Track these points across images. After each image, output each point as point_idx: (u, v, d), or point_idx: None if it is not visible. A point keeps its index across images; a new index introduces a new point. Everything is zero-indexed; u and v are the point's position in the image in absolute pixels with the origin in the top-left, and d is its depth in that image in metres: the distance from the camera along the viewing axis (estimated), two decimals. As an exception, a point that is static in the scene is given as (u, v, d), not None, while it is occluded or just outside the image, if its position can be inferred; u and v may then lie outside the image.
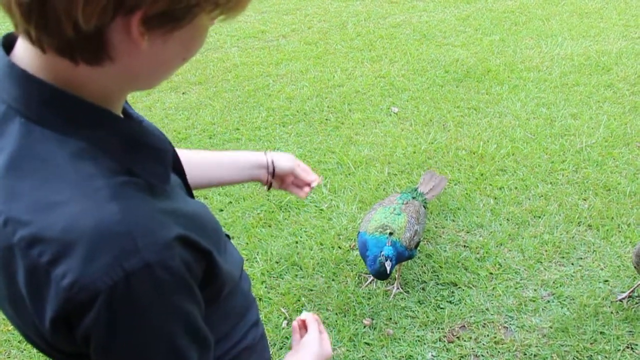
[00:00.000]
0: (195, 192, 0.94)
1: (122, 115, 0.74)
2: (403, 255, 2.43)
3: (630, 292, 2.50)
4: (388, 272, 2.31)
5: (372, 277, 2.66)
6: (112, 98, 0.70)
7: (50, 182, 0.63)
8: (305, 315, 1.15)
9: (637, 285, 2.50)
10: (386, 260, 2.29)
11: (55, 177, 0.64)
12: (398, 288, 2.60)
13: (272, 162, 1.24)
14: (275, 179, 1.27)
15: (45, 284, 0.62)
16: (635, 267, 2.34)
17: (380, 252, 2.33)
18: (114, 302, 0.62)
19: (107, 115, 0.69)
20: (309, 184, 1.32)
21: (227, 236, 0.99)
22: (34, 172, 0.64)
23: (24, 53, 0.66)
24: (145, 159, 0.71)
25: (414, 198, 2.72)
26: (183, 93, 4.60)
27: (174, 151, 0.85)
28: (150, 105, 4.39)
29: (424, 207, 2.74)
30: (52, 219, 0.62)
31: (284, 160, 1.26)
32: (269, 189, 1.29)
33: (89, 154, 0.66)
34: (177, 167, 0.86)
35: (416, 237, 2.52)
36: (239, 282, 0.92)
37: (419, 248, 2.80)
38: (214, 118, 4.14)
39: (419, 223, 2.57)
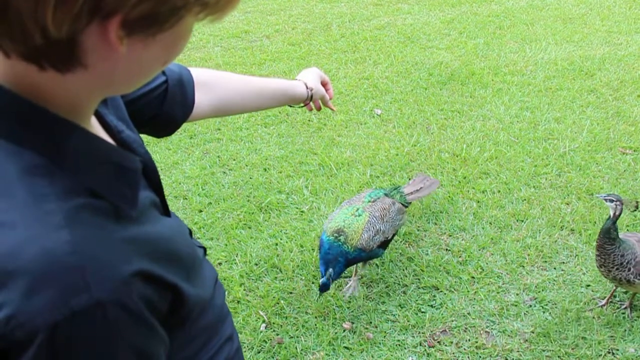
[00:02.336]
0: (174, 191, 0.89)
1: (90, 125, 0.68)
2: (359, 257, 2.41)
3: (609, 297, 2.48)
4: (327, 286, 2.35)
5: (352, 281, 2.62)
6: (81, 105, 0.64)
7: None
8: None
9: (614, 290, 2.48)
10: (327, 277, 2.33)
11: (4, 194, 0.57)
12: (354, 289, 2.57)
13: (311, 95, 1.37)
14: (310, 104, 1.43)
15: None
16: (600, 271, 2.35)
17: (327, 269, 2.35)
18: (56, 343, 0.55)
19: (70, 128, 0.62)
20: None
21: (203, 249, 0.93)
22: None
23: None
24: (110, 179, 0.64)
25: (387, 195, 2.67)
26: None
27: (153, 165, 0.78)
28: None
29: (402, 205, 2.68)
30: None
31: (320, 93, 1.40)
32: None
33: (45, 170, 0.59)
34: (153, 183, 0.78)
35: (378, 236, 2.45)
36: (210, 299, 0.86)
37: (400, 251, 2.77)
38: (195, 118, 4.08)
39: (384, 222, 2.50)
